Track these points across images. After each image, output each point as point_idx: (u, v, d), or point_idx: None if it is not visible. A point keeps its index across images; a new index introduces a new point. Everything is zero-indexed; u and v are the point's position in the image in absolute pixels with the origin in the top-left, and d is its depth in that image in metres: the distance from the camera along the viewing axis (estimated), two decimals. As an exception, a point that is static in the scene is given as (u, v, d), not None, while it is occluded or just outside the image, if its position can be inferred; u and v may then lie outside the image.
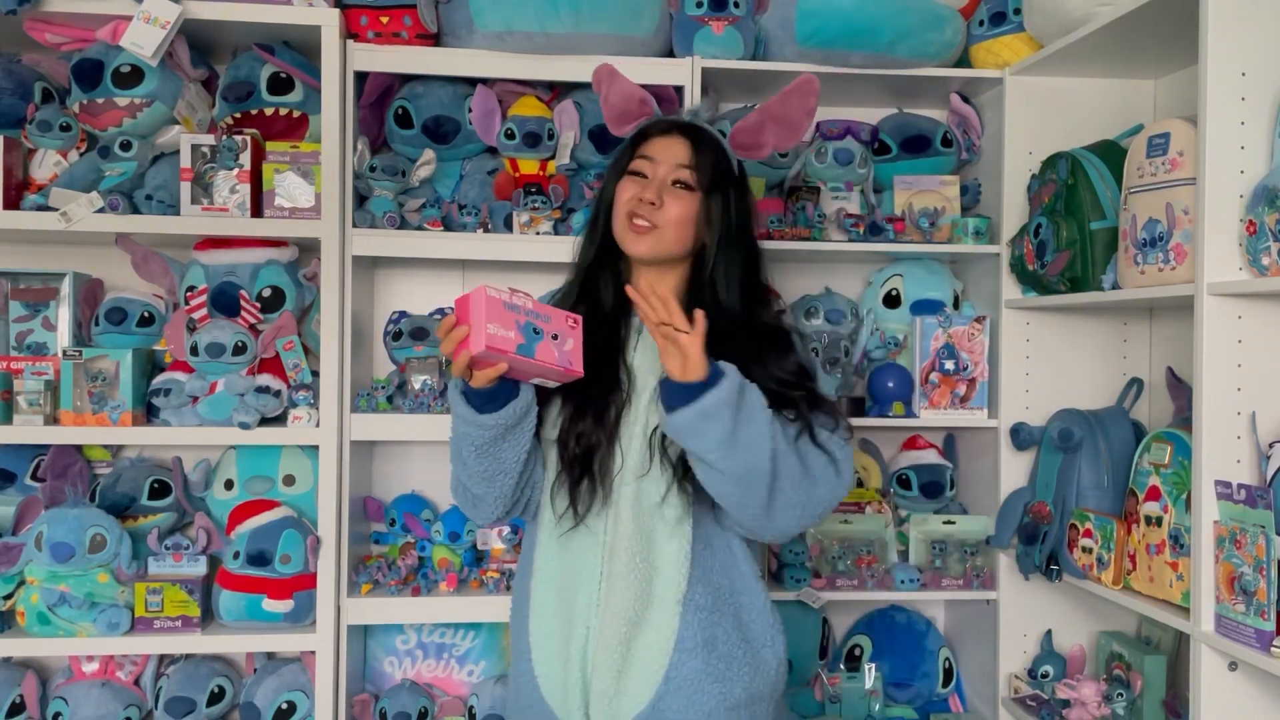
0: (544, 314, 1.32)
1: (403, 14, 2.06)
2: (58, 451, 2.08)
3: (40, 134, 2.06)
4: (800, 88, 1.56)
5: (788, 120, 1.56)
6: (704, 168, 1.47)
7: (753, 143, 1.55)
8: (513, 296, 1.30)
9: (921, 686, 2.36)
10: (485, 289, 1.27)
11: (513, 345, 1.28)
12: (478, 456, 1.40)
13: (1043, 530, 2.02)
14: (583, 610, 1.42)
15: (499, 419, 1.36)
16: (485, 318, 1.26)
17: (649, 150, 1.49)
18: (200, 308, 2.05)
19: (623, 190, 1.48)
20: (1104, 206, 1.94)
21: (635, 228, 1.45)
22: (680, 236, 1.46)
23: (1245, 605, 1.51)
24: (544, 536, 1.48)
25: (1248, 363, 1.59)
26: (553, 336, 1.32)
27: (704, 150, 1.48)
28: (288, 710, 2.06)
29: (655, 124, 1.54)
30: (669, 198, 1.46)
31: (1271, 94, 1.57)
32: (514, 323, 1.28)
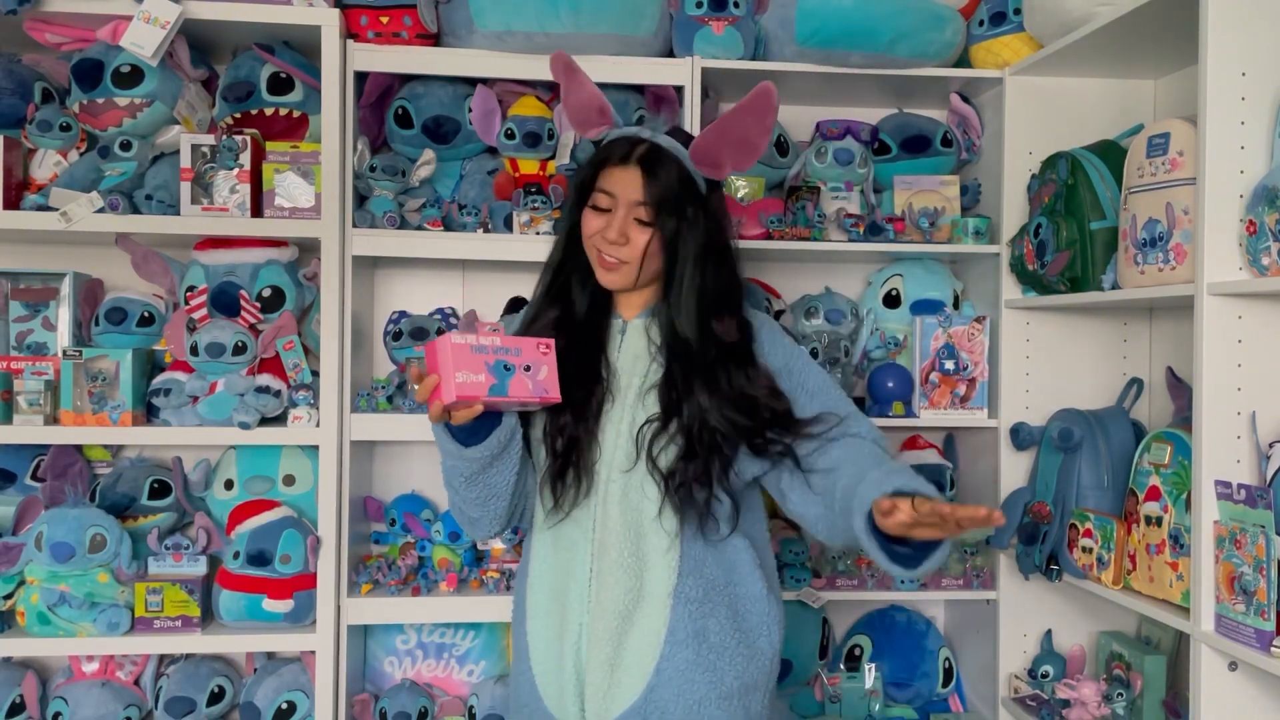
0: (514, 347, 1.34)
1: (403, 14, 2.06)
2: (58, 451, 2.08)
3: (40, 134, 2.06)
4: (755, 102, 1.44)
5: (745, 140, 1.47)
6: (658, 200, 1.45)
7: (710, 161, 1.49)
8: (480, 338, 1.31)
9: (921, 686, 2.36)
10: (449, 338, 1.29)
11: (484, 389, 1.30)
12: (468, 485, 1.44)
13: (1043, 530, 2.02)
14: (575, 607, 1.43)
15: (483, 450, 1.39)
16: (453, 366, 1.28)
17: (608, 183, 1.47)
18: (200, 308, 2.05)
19: (587, 223, 1.48)
20: (1104, 206, 1.94)
21: (604, 263, 1.47)
22: (648, 266, 1.47)
23: (1245, 605, 1.51)
24: (538, 537, 1.50)
25: (1248, 363, 1.59)
26: (525, 368, 1.34)
27: (658, 179, 1.45)
28: (288, 710, 2.06)
29: (613, 150, 1.49)
30: (632, 232, 1.45)
31: (1271, 94, 1.58)
32: (483, 365, 1.31)
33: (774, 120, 1.47)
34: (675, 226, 1.45)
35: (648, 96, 2.25)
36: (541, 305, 1.53)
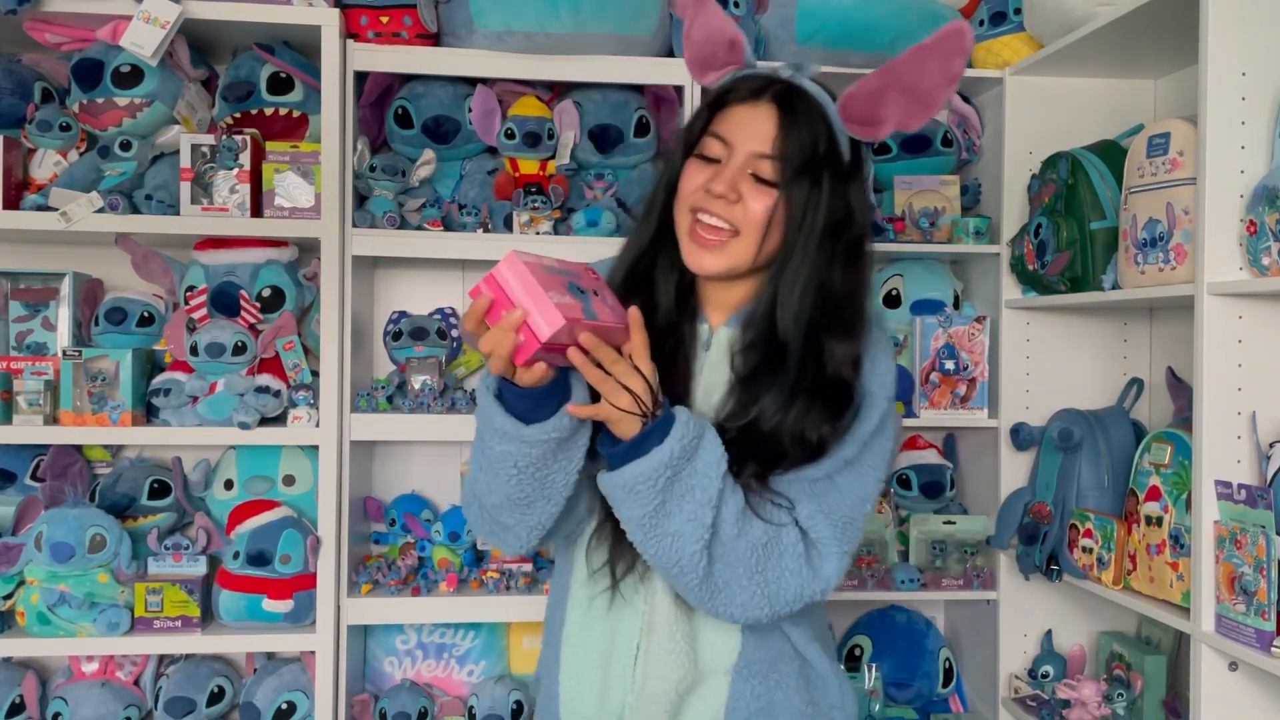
0: (571, 269, 1.06)
1: (403, 14, 2.06)
2: (57, 451, 2.08)
3: (40, 134, 2.06)
4: (941, 43, 1.12)
5: (919, 88, 1.13)
6: (792, 152, 1.12)
7: (869, 116, 1.16)
8: (543, 257, 1.03)
9: (921, 686, 2.36)
10: (515, 254, 0.99)
11: (578, 310, 1.00)
12: (518, 480, 1.10)
13: (1043, 530, 2.02)
14: (617, 686, 1.19)
15: (552, 430, 1.07)
16: (541, 286, 0.98)
17: (726, 125, 1.15)
18: (200, 308, 2.05)
19: (689, 177, 1.16)
20: (1104, 206, 1.94)
21: (700, 239, 1.14)
22: (758, 244, 1.14)
23: (1245, 605, 1.51)
24: (576, 586, 1.23)
25: (1248, 363, 1.59)
26: (594, 292, 1.06)
27: (797, 126, 1.13)
28: (288, 710, 2.06)
29: (739, 85, 1.18)
30: (747, 190, 1.13)
31: (1271, 94, 1.57)
32: (564, 286, 1.01)
33: (961, 69, 1.14)
34: (806, 196, 1.13)
35: (648, 96, 2.25)
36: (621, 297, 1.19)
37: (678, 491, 1.07)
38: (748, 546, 1.10)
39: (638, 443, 1.06)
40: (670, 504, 1.07)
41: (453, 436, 2.18)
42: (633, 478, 1.06)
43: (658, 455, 1.05)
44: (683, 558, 1.08)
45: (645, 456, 1.06)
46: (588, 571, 1.21)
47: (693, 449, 1.07)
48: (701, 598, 1.11)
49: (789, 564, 1.11)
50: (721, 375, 1.18)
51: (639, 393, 1.06)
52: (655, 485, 1.06)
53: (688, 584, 1.10)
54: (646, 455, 1.06)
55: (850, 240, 1.17)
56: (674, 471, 1.06)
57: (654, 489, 1.06)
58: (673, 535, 1.08)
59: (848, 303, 1.16)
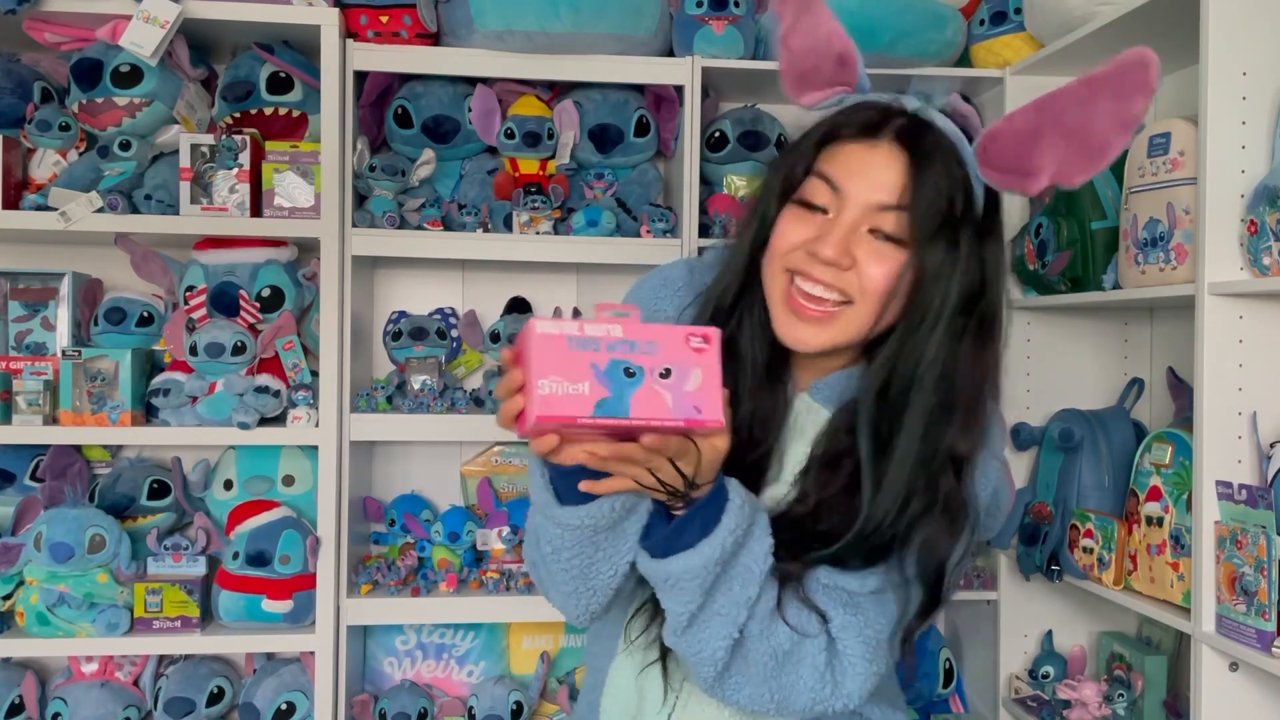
0: (644, 341, 0.85)
1: (402, 13, 2.06)
2: (57, 451, 2.08)
3: (39, 134, 2.05)
4: (1123, 75, 0.89)
5: (1088, 133, 0.91)
6: (926, 204, 0.94)
7: (1018, 164, 0.96)
8: (586, 325, 0.85)
9: (922, 687, 2.35)
10: (536, 324, 0.84)
11: (586, 405, 0.83)
12: (555, 561, 0.98)
13: (1043, 530, 2.02)
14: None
15: (585, 516, 0.92)
16: (536, 369, 0.83)
17: (836, 166, 0.96)
18: (199, 308, 2.04)
19: (786, 230, 0.97)
20: (1105, 206, 1.94)
21: (799, 307, 0.96)
22: (876, 315, 0.96)
23: (1246, 605, 1.51)
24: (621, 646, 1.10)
25: (1249, 363, 1.59)
26: (661, 374, 0.85)
27: (931, 172, 0.94)
28: (287, 711, 2.06)
29: (853, 117, 0.99)
30: (864, 255, 0.94)
31: (1272, 94, 1.57)
32: (587, 368, 0.84)
33: (1142, 112, 0.90)
34: (941, 259, 0.94)
35: (648, 96, 2.25)
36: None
37: (721, 589, 0.93)
38: (769, 650, 0.96)
39: (682, 528, 0.91)
40: (710, 604, 0.93)
41: (452, 436, 2.18)
42: (679, 572, 0.91)
43: (706, 550, 0.90)
44: (704, 650, 0.95)
45: (693, 550, 0.91)
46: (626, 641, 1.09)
47: (742, 541, 0.92)
48: (710, 685, 0.98)
49: (805, 676, 0.97)
50: (800, 450, 1.03)
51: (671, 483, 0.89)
52: (702, 584, 0.92)
53: (702, 674, 0.97)
54: (694, 549, 0.91)
55: (984, 314, 0.99)
56: (722, 568, 0.92)
57: (699, 588, 0.92)
58: (702, 636, 0.95)
59: (973, 394, 0.99)
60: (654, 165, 2.32)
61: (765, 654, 0.96)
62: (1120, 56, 0.90)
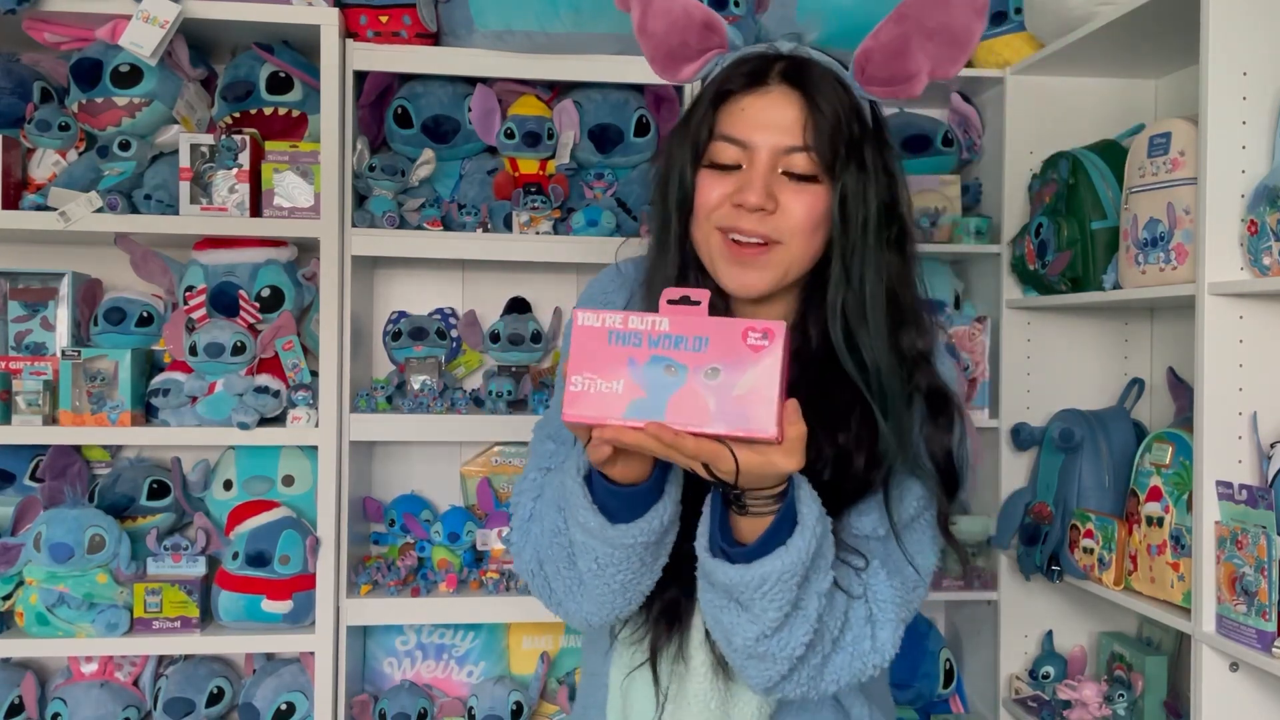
0: (692, 336, 0.79)
1: (402, 13, 2.06)
2: (56, 452, 2.08)
3: (39, 133, 2.05)
4: None
5: (949, 27, 0.98)
6: (826, 136, 0.97)
7: (895, 73, 1.01)
8: (631, 320, 0.79)
9: (922, 687, 2.35)
10: (578, 314, 0.80)
11: (618, 406, 0.78)
12: (601, 578, 0.94)
13: (1043, 531, 2.02)
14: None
15: (639, 534, 0.89)
16: (572, 365, 0.79)
17: (735, 123, 0.99)
18: (199, 308, 2.04)
19: (705, 191, 1.00)
20: (1105, 206, 1.94)
21: (739, 252, 0.98)
22: (811, 250, 0.99)
23: (1246, 606, 1.51)
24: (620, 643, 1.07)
25: (1249, 363, 1.59)
26: (708, 372, 0.78)
27: (822, 106, 0.97)
28: (287, 711, 2.06)
29: (735, 71, 1.02)
30: (785, 196, 0.98)
31: (1272, 94, 1.57)
32: (624, 363, 0.78)
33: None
34: (856, 182, 0.98)
35: (648, 96, 2.25)
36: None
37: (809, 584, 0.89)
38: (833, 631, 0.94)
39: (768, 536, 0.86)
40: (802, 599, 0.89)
41: (452, 436, 2.18)
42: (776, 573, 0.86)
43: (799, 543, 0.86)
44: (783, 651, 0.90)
45: (783, 550, 0.86)
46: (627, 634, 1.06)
47: (823, 538, 0.89)
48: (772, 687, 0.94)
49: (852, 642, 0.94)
50: None
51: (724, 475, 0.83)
52: (797, 581, 0.87)
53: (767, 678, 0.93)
54: (784, 548, 0.86)
55: (901, 215, 1.02)
56: (806, 570, 0.87)
57: (795, 584, 0.87)
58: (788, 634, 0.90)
59: (911, 295, 1.02)
60: (653, 165, 2.32)
61: (829, 636, 0.93)
62: None
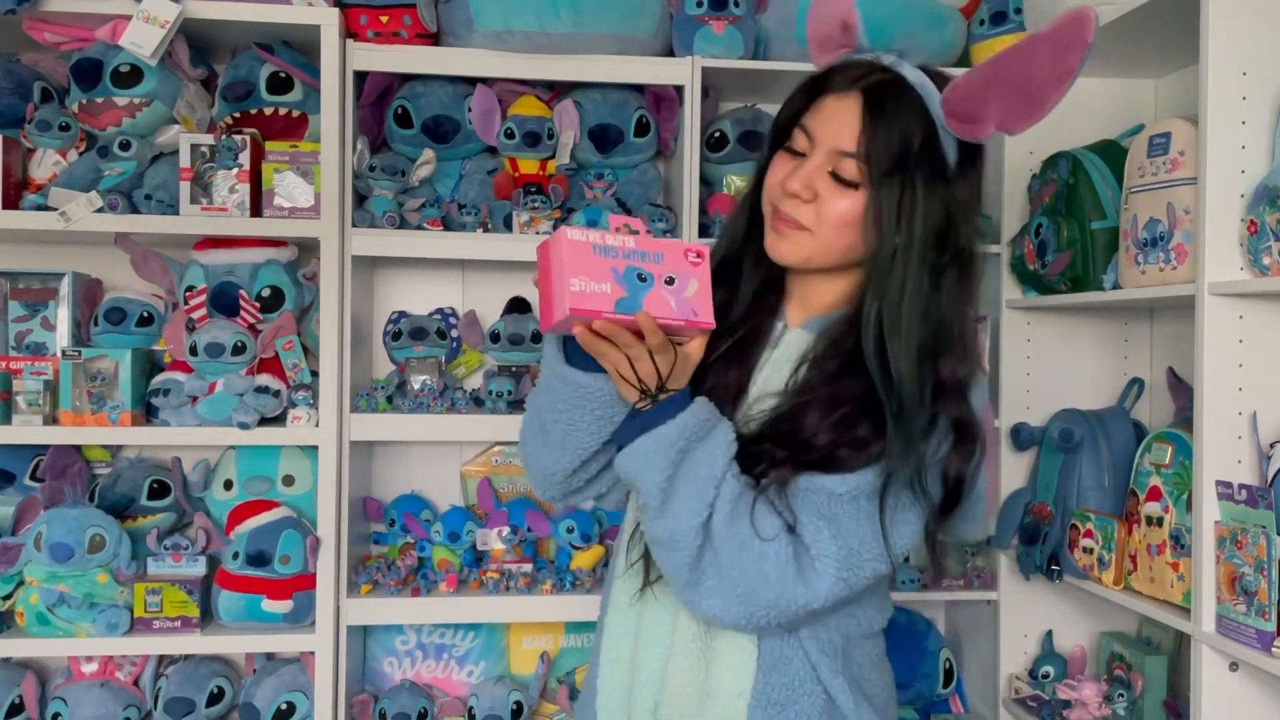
0: (653, 251, 1.03)
1: (402, 13, 2.06)
2: (57, 451, 2.08)
3: (39, 133, 2.05)
4: (1061, 32, 0.99)
5: (1027, 84, 1.01)
6: (879, 151, 1.05)
7: (970, 113, 1.05)
8: (606, 235, 1.01)
9: (922, 687, 2.35)
10: (565, 231, 0.99)
11: (609, 302, 1.00)
12: (552, 413, 1.13)
13: (1043, 530, 2.02)
14: (646, 683, 1.16)
15: (581, 378, 1.08)
16: (568, 269, 0.99)
17: (814, 117, 1.09)
18: (199, 308, 2.05)
19: (774, 170, 1.12)
20: (1105, 206, 1.94)
21: (777, 221, 1.11)
22: (840, 244, 1.09)
23: (1246, 605, 1.51)
24: (616, 580, 1.22)
25: (1249, 363, 1.59)
26: (666, 280, 1.03)
27: (886, 121, 1.05)
28: (287, 711, 2.06)
29: (835, 73, 1.11)
30: (824, 189, 1.08)
31: (1272, 94, 1.57)
32: (608, 271, 1.00)
33: (1077, 66, 0.99)
34: (898, 199, 1.05)
35: (648, 96, 2.25)
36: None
37: (687, 466, 1.04)
38: (734, 543, 1.05)
39: (651, 416, 1.05)
40: (679, 477, 1.04)
41: (452, 436, 2.18)
42: (650, 447, 1.04)
43: (674, 424, 1.03)
44: (677, 530, 1.04)
45: (662, 425, 1.04)
46: (625, 565, 1.19)
47: (706, 430, 1.05)
48: (689, 582, 1.07)
49: (769, 571, 1.04)
50: (782, 378, 1.13)
51: (643, 374, 1.03)
52: (669, 453, 1.03)
53: (679, 562, 1.06)
54: (663, 424, 1.04)
55: (957, 252, 1.07)
56: (688, 443, 1.04)
57: (668, 459, 1.03)
58: (675, 511, 1.04)
59: (957, 324, 1.07)
60: (654, 165, 2.32)
61: (732, 546, 1.04)
62: (1063, 14, 0.99)
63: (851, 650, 1.18)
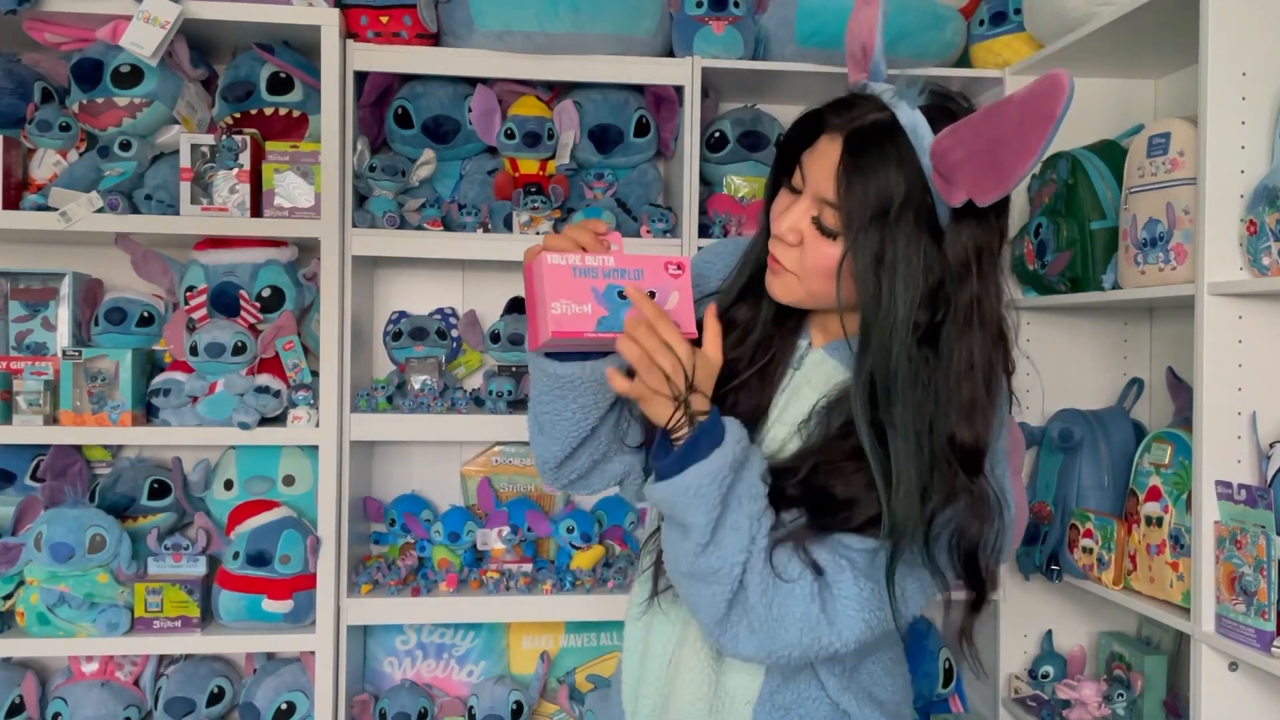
0: (633, 268, 1.04)
1: (402, 14, 2.06)
2: (57, 451, 2.08)
3: (40, 134, 2.05)
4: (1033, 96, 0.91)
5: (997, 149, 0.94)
6: (856, 201, 0.99)
7: (949, 175, 0.99)
8: (586, 257, 1.03)
9: (922, 687, 2.35)
10: (545, 257, 1.02)
11: (590, 322, 1.02)
12: (539, 404, 1.14)
13: (1043, 530, 2.02)
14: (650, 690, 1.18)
15: (564, 372, 1.09)
16: (549, 293, 1.01)
17: (810, 155, 1.06)
18: (200, 308, 2.05)
19: (776, 204, 1.10)
20: (1104, 206, 1.94)
21: (770, 260, 1.10)
22: (825, 291, 1.05)
23: (1246, 605, 1.51)
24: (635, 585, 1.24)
25: (1248, 363, 1.59)
26: (650, 294, 1.04)
27: (864, 172, 0.99)
28: (287, 711, 2.06)
29: (834, 107, 1.05)
30: (809, 238, 1.05)
31: (1271, 94, 1.57)
32: (589, 292, 1.02)
33: (1042, 140, 0.91)
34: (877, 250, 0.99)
35: (648, 96, 2.25)
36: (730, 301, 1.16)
37: (733, 500, 1.01)
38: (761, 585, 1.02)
39: (691, 447, 1.00)
40: (727, 513, 1.00)
41: (453, 436, 2.18)
42: (697, 482, 0.99)
43: (720, 457, 0.99)
44: (724, 565, 1.00)
45: (707, 459, 0.99)
46: (637, 570, 1.21)
47: (745, 456, 1.02)
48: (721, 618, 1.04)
49: (794, 611, 1.01)
50: (801, 407, 1.11)
51: (669, 371, 1.00)
52: (720, 488, 0.99)
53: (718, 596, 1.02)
54: (708, 458, 0.99)
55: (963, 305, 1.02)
56: (735, 474, 1.00)
57: (718, 491, 0.99)
58: (724, 545, 1.01)
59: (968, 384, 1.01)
60: (654, 165, 2.32)
61: (759, 588, 1.02)
62: (1041, 79, 0.91)
63: (863, 663, 1.16)
